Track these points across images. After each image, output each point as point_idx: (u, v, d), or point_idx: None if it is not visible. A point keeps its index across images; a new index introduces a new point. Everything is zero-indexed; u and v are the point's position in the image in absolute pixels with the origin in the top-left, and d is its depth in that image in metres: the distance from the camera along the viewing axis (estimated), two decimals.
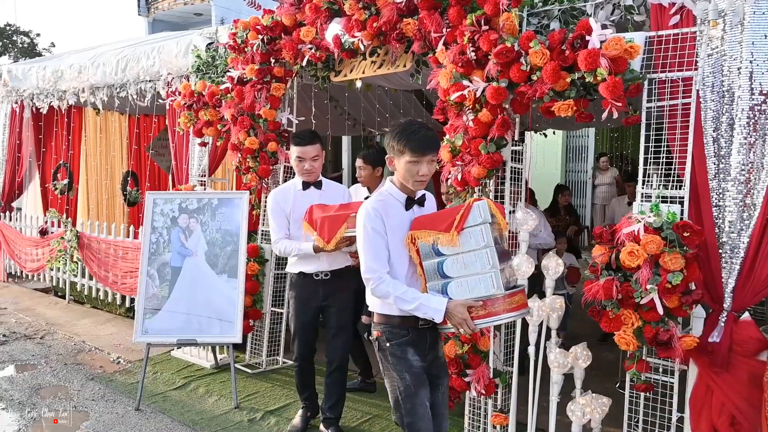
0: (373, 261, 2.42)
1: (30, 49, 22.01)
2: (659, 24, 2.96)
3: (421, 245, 2.43)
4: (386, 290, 2.39)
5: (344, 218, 3.29)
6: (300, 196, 3.63)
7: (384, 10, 3.80)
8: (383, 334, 2.52)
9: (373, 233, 2.43)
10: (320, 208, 3.43)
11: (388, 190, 2.54)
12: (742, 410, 2.72)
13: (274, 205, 3.64)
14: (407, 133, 2.42)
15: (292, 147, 3.59)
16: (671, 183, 2.95)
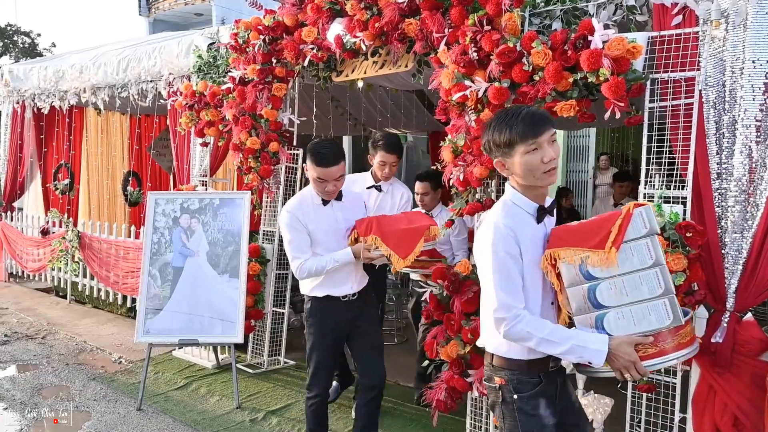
0: (507, 295, 1.91)
1: (31, 49, 22.03)
2: (662, 24, 2.96)
3: (564, 267, 1.95)
4: (526, 331, 1.89)
5: (421, 231, 3.05)
6: (321, 212, 3.16)
7: (386, 10, 3.80)
8: (509, 383, 2.01)
9: (506, 258, 1.93)
10: (383, 222, 3.09)
11: (513, 199, 2.03)
12: (745, 411, 2.72)
13: (293, 222, 3.10)
14: (507, 119, 1.96)
15: (312, 166, 3.05)
16: (674, 183, 2.95)
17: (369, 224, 3.10)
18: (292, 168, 4.95)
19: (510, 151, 1.97)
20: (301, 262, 3.06)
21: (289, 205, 3.16)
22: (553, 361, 2.01)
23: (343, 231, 3.17)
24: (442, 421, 3.68)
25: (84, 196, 8.37)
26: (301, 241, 3.08)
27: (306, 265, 3.06)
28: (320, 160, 3.03)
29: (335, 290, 3.15)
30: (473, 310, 3.36)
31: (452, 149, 3.49)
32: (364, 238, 3.07)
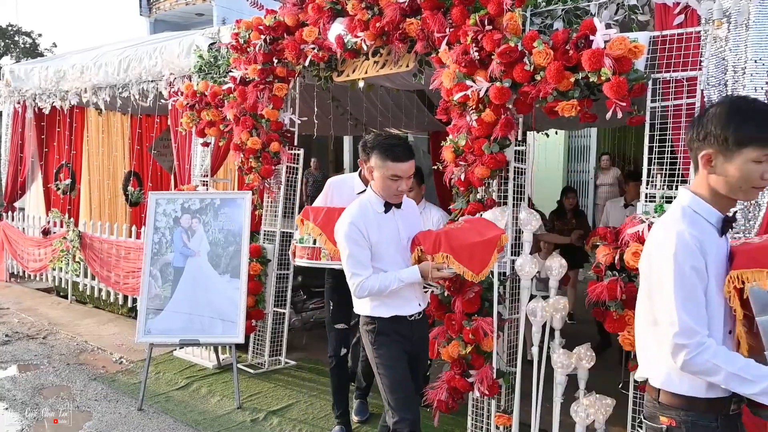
0: (692, 318, 1.62)
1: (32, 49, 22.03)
2: (663, 23, 2.96)
3: (755, 292, 1.65)
4: (712, 363, 1.61)
5: (494, 242, 2.75)
6: (383, 221, 2.75)
7: (387, 10, 3.80)
8: (682, 425, 1.73)
9: (692, 274, 1.63)
10: (452, 235, 2.74)
11: (693, 206, 1.72)
12: (746, 411, 2.71)
13: (354, 234, 2.67)
14: (760, 115, 1.63)
15: (381, 162, 2.66)
16: (675, 183, 2.94)
17: (437, 239, 2.73)
18: (293, 168, 4.94)
19: (734, 151, 1.63)
20: (362, 279, 2.66)
21: (350, 215, 2.72)
22: (735, 402, 1.74)
23: (405, 243, 2.81)
24: (443, 421, 3.68)
25: (85, 196, 8.37)
26: (363, 256, 2.68)
27: (368, 284, 2.66)
28: (395, 155, 2.65)
29: (403, 309, 2.77)
30: (474, 310, 3.36)
31: (453, 149, 3.48)
32: (431, 254, 2.71)
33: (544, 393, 3.34)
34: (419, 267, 2.71)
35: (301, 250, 3.57)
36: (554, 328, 3.24)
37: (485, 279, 3.38)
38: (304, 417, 4.01)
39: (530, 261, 3.27)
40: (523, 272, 3.29)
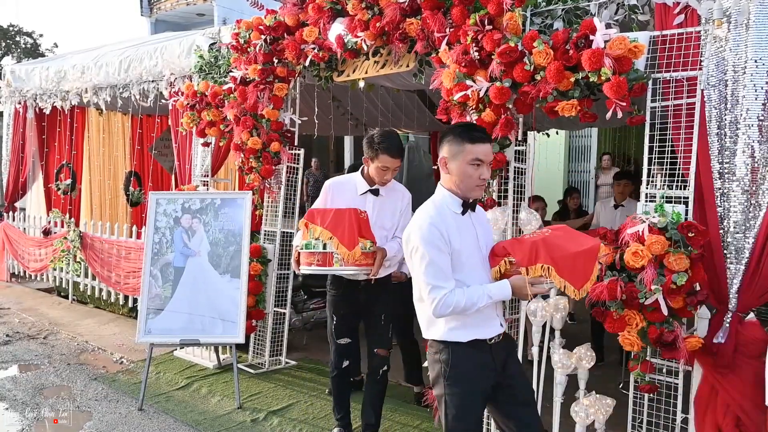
0: None
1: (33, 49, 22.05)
2: (663, 23, 2.95)
3: None
4: None
5: (595, 253, 2.43)
6: (462, 224, 2.40)
7: (387, 10, 3.79)
8: None
9: None
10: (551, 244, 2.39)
11: None
12: (747, 411, 2.71)
13: (436, 239, 2.28)
14: None
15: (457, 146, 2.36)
16: (676, 183, 2.94)
17: (533, 249, 2.37)
18: (294, 168, 4.95)
19: None
20: (445, 293, 2.24)
21: (428, 215, 2.33)
22: None
23: (485, 252, 2.46)
24: None
25: (86, 197, 8.38)
26: (446, 265, 2.28)
27: (452, 299, 2.24)
28: (473, 136, 2.35)
29: (483, 330, 2.36)
30: None
31: None
32: (526, 267, 2.35)
33: (544, 393, 3.34)
34: (511, 281, 2.32)
35: (308, 257, 3.23)
36: (554, 328, 3.24)
37: None
38: (305, 417, 4.01)
39: None
40: None
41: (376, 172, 3.27)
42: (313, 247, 3.20)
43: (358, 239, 3.14)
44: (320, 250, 3.19)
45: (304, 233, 3.26)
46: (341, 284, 3.45)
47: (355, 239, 3.13)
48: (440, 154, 2.40)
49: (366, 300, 3.44)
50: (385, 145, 3.20)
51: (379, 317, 3.45)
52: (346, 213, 3.17)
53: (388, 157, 3.21)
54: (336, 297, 3.50)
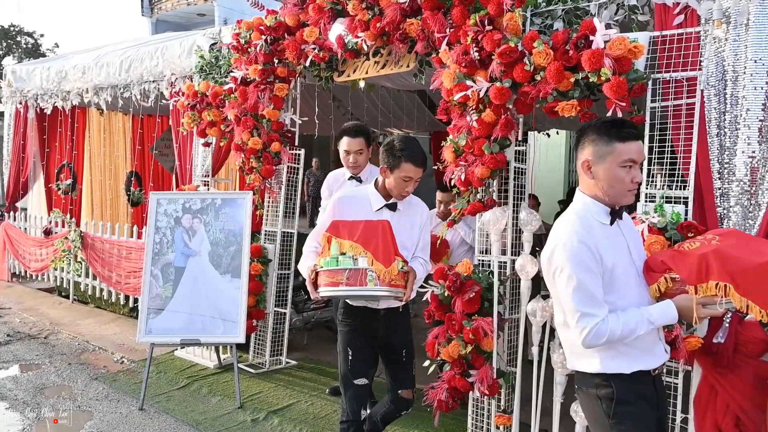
0: None
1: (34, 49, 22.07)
2: (663, 24, 2.96)
3: None
4: None
5: None
6: (612, 236, 2.07)
7: (387, 10, 3.80)
8: None
9: None
10: (724, 256, 2.02)
11: None
12: (747, 411, 2.71)
13: (586, 256, 1.96)
14: None
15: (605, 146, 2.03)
16: (675, 183, 2.94)
17: (702, 263, 2.00)
18: (294, 168, 4.95)
19: None
20: (597, 322, 1.92)
21: (573, 230, 2.00)
22: None
23: (638, 263, 2.12)
24: (443, 421, 3.69)
25: (86, 197, 8.39)
26: (597, 289, 1.96)
27: (606, 328, 1.92)
28: (623, 134, 2.03)
29: (647, 359, 2.04)
30: (474, 310, 3.36)
31: (453, 149, 3.48)
32: (695, 284, 1.99)
33: (544, 393, 3.34)
34: (677, 303, 1.99)
35: (332, 275, 2.66)
36: (554, 328, 3.24)
37: (485, 279, 3.40)
38: (305, 417, 4.01)
39: (531, 261, 3.28)
40: (524, 272, 3.29)
41: (396, 184, 2.82)
42: (340, 263, 2.65)
43: (394, 255, 2.69)
44: (350, 266, 2.63)
45: (323, 249, 2.75)
46: (357, 313, 2.93)
47: (391, 255, 2.67)
48: (581, 156, 2.07)
49: (385, 332, 2.96)
50: (409, 152, 2.78)
51: (400, 352, 3.01)
52: (378, 225, 2.75)
53: (412, 166, 2.77)
54: (351, 329, 2.95)
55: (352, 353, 2.93)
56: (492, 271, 3.42)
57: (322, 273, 2.70)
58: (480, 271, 3.47)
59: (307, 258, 2.85)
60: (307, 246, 2.90)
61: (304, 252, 2.90)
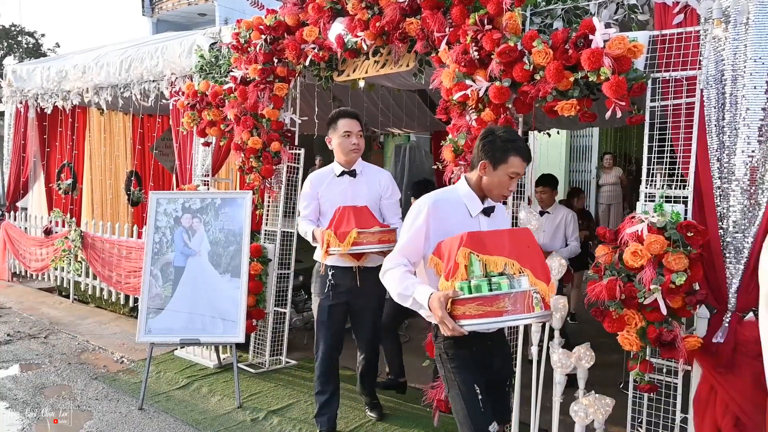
0: None
1: (35, 49, 22.07)
2: (663, 23, 2.95)
3: None
4: None
5: None
6: None
7: (387, 9, 3.80)
8: None
9: None
10: None
11: None
12: (746, 411, 2.71)
13: None
14: None
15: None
16: (675, 182, 2.94)
17: None
18: (294, 168, 4.95)
19: None
20: None
21: None
22: None
23: None
24: (443, 421, 3.68)
25: (87, 196, 8.39)
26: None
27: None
28: None
29: None
30: None
31: (453, 148, 3.48)
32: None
33: (544, 393, 3.34)
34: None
35: (486, 303, 2.06)
36: (554, 327, 3.24)
37: None
38: (305, 416, 4.01)
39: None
40: None
41: (498, 183, 2.38)
42: (497, 287, 2.09)
43: None
44: (512, 289, 2.09)
45: (452, 270, 2.17)
46: (473, 342, 2.31)
47: (547, 270, 2.27)
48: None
49: (500, 361, 2.48)
50: (517, 144, 2.38)
51: (505, 382, 2.56)
52: (523, 235, 2.30)
53: (521, 161, 2.38)
54: (469, 361, 2.36)
55: (480, 393, 2.34)
56: None
57: (464, 302, 2.08)
58: None
59: (408, 281, 2.27)
60: (394, 266, 2.34)
61: (394, 275, 2.32)
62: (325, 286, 3.65)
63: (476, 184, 2.43)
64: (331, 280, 3.61)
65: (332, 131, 3.60)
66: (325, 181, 3.65)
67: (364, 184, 3.65)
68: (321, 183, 3.65)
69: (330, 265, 3.59)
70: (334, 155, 3.65)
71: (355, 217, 3.40)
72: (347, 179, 3.63)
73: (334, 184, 3.63)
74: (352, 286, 3.60)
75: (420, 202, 2.41)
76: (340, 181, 3.63)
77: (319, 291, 3.70)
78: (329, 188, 3.63)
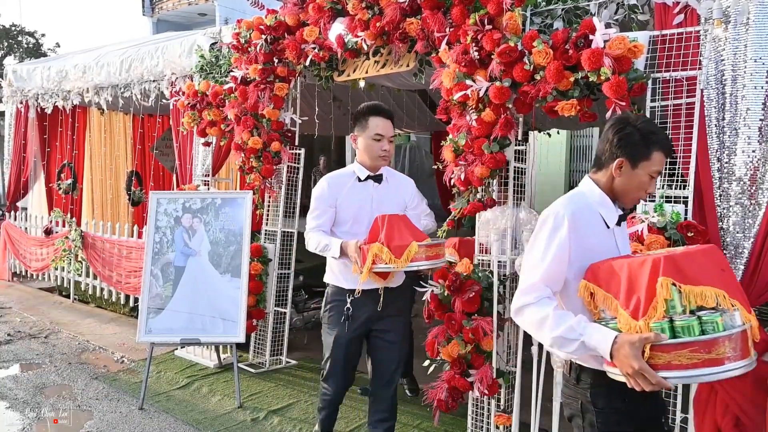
0: None
1: (35, 49, 22.08)
2: (663, 23, 2.95)
3: None
4: None
5: None
6: None
7: (387, 9, 3.80)
8: None
9: None
10: None
11: None
12: (747, 411, 2.71)
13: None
14: None
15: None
16: (675, 183, 2.94)
17: None
18: (294, 168, 4.95)
19: None
20: None
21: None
22: None
23: None
24: (443, 421, 3.69)
25: (87, 196, 8.40)
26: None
27: None
28: None
29: None
30: (474, 310, 3.36)
31: (453, 149, 3.48)
32: None
33: (544, 393, 3.34)
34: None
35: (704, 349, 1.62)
36: None
37: (485, 278, 3.40)
38: (305, 416, 4.01)
39: None
40: None
41: (639, 185, 2.00)
42: (711, 327, 1.66)
43: None
44: (731, 329, 1.66)
45: (644, 305, 1.71)
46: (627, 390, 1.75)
47: (746, 298, 1.85)
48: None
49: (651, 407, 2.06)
50: (660, 137, 2.00)
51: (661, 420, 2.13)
52: (713, 254, 1.88)
53: (663, 157, 2.00)
54: (628, 415, 1.93)
55: None
56: (492, 271, 3.42)
57: (670, 349, 1.64)
58: (480, 270, 3.47)
59: (569, 320, 1.82)
60: (535, 300, 1.88)
61: (540, 313, 1.86)
62: (342, 315, 3.00)
63: (607, 186, 2.03)
64: (349, 308, 2.99)
65: (360, 129, 3.06)
66: (345, 185, 3.05)
67: (389, 191, 3.11)
68: (340, 188, 3.04)
69: (350, 289, 2.98)
70: (357, 156, 3.12)
71: (407, 228, 2.90)
72: (371, 185, 3.06)
73: (355, 189, 3.05)
74: (373, 312, 3.01)
75: (553, 213, 1.95)
76: (364, 186, 3.06)
77: (336, 321, 3.04)
78: (350, 194, 3.04)
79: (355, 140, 3.09)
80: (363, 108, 3.08)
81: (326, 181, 3.10)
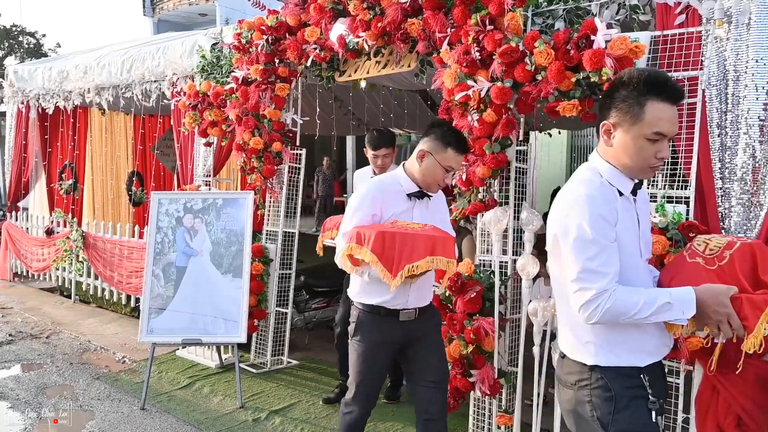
0: None
1: (36, 49, 22.09)
2: (665, 23, 2.95)
3: None
4: None
5: None
6: None
7: (388, 10, 3.80)
8: None
9: None
10: None
11: None
12: (748, 411, 2.71)
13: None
14: None
15: None
16: (677, 183, 2.94)
17: None
18: (296, 168, 4.95)
19: None
20: None
21: None
22: None
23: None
24: None
25: (88, 196, 8.40)
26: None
27: None
28: None
29: None
30: (476, 310, 3.36)
31: None
32: None
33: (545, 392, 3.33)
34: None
35: None
36: (555, 328, 3.24)
37: (486, 279, 3.40)
38: (306, 417, 4.02)
39: (532, 261, 3.27)
40: (524, 272, 3.28)
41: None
42: None
43: None
44: None
45: None
46: None
47: None
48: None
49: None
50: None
51: None
52: None
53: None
54: None
55: None
56: (493, 271, 3.42)
57: None
58: (481, 270, 3.47)
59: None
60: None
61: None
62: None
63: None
64: None
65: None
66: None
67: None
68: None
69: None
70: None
71: None
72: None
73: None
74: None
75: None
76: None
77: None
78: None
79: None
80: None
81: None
